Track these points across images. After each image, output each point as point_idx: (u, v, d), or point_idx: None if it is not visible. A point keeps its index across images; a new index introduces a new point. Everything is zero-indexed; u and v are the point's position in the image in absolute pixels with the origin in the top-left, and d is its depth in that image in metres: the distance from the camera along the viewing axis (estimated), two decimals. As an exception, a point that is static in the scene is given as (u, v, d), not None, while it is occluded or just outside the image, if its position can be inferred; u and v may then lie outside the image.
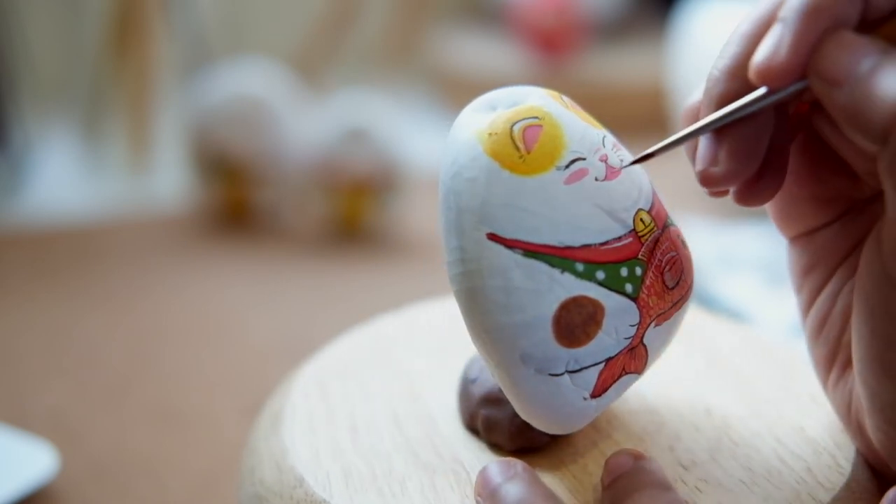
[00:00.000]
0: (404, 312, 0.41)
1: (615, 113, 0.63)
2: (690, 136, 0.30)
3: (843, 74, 0.26)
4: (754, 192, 0.30)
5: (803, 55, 0.27)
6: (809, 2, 0.27)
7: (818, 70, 0.27)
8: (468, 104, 0.31)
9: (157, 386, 0.52)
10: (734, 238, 0.60)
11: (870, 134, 0.26)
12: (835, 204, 0.32)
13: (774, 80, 0.27)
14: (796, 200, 0.32)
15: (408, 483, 0.31)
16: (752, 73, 0.27)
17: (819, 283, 0.33)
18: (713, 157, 0.29)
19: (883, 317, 0.27)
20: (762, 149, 0.29)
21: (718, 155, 0.29)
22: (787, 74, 0.27)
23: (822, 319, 0.32)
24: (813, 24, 0.27)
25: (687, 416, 0.34)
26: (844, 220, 0.32)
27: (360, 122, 0.68)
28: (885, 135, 0.25)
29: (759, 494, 0.30)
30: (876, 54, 0.26)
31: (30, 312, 0.59)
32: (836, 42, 0.27)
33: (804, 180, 0.32)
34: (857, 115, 0.26)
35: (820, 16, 0.27)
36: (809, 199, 0.32)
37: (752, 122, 0.29)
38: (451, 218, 0.30)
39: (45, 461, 0.43)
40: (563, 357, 0.29)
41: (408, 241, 0.70)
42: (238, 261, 0.67)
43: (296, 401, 0.36)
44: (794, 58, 0.27)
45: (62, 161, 0.81)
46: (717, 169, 0.29)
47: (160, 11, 0.79)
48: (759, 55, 0.27)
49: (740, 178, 0.29)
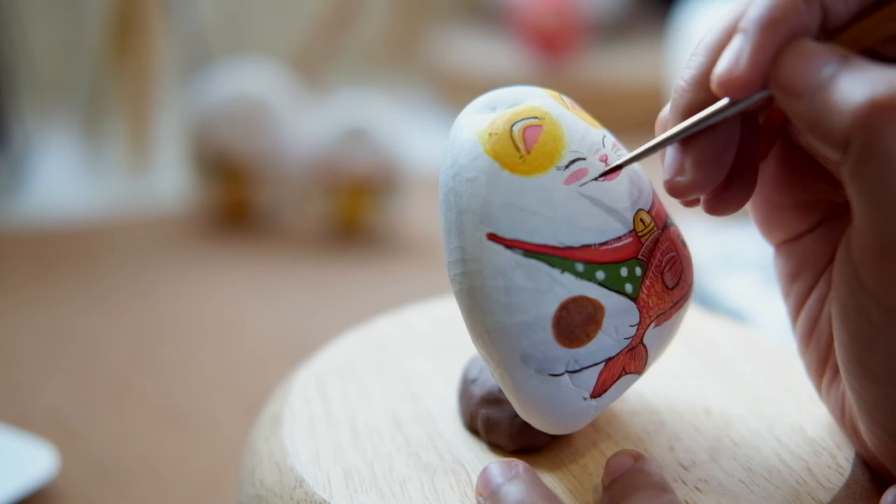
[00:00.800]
0: (404, 312, 0.41)
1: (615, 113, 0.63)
2: (658, 147, 0.30)
3: (803, 84, 0.26)
4: (723, 202, 0.30)
5: (763, 65, 0.27)
6: (768, 13, 0.27)
7: (778, 80, 0.27)
8: (468, 104, 0.31)
9: (157, 386, 0.52)
10: (734, 238, 0.60)
11: (831, 142, 0.26)
12: (816, 209, 0.32)
13: (736, 90, 0.27)
14: (778, 207, 0.32)
15: (408, 483, 0.31)
16: (713, 84, 0.27)
17: (806, 289, 0.33)
18: (679, 167, 0.29)
19: (858, 320, 0.27)
20: (729, 158, 0.29)
21: (685, 165, 0.29)
22: (747, 85, 0.27)
23: (811, 325, 0.32)
24: (772, 34, 0.27)
25: (687, 416, 0.34)
26: (827, 224, 0.32)
27: (360, 122, 0.68)
28: (846, 142, 0.25)
29: (759, 494, 0.30)
30: (835, 62, 0.26)
31: (30, 312, 0.59)
32: (796, 52, 0.27)
33: (784, 187, 0.32)
34: (817, 123, 0.26)
35: (779, 26, 0.27)
36: (791, 206, 0.32)
37: (718, 131, 0.29)
38: (451, 218, 0.30)
39: (45, 461, 0.43)
40: (563, 357, 0.29)
41: (408, 241, 0.70)
42: (238, 261, 0.67)
43: (296, 401, 0.36)
44: (754, 69, 0.27)
45: (62, 161, 0.81)
46: (684, 179, 0.29)
47: (160, 11, 0.79)
48: (720, 66, 0.27)
49: (707, 188, 0.29)
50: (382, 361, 0.38)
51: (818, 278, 0.32)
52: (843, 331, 0.28)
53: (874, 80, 0.25)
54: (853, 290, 0.27)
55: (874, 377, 0.28)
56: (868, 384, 0.28)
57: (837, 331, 0.28)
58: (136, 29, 0.77)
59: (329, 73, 0.91)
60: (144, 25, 0.77)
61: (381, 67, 0.98)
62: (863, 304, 0.27)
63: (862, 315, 0.27)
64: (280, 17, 0.96)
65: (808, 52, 0.26)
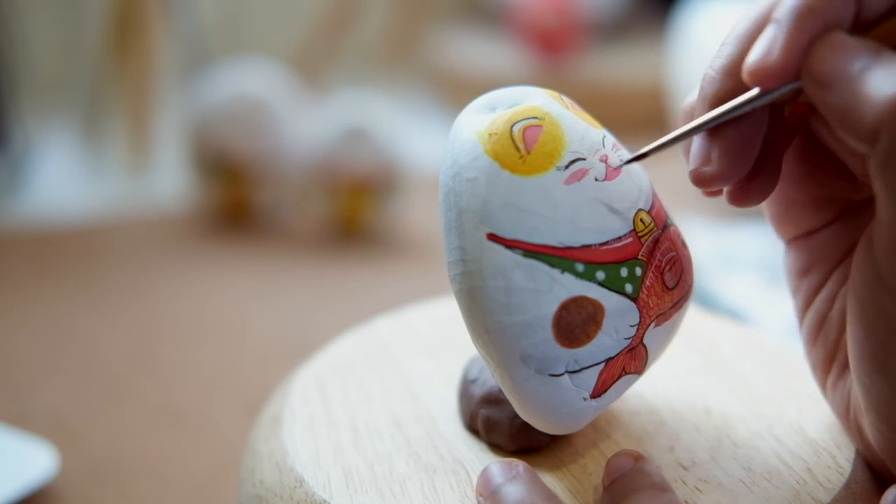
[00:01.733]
0: (404, 312, 0.41)
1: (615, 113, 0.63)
2: (685, 136, 0.30)
3: (834, 76, 0.26)
4: (747, 193, 0.30)
5: (796, 56, 0.27)
6: (803, 3, 0.27)
7: (810, 71, 0.27)
8: (468, 104, 0.31)
9: (157, 386, 0.52)
10: (734, 238, 0.60)
11: (859, 135, 0.26)
12: (832, 206, 0.32)
13: (767, 80, 0.27)
14: (794, 202, 0.32)
15: (408, 484, 0.31)
16: (745, 73, 0.27)
17: (816, 285, 0.33)
18: (706, 157, 0.29)
19: (875, 316, 0.27)
20: (755, 149, 0.29)
21: (711, 155, 0.29)
22: (779, 75, 0.27)
23: (819, 321, 0.32)
24: (806, 25, 0.27)
25: (687, 416, 0.34)
26: (842, 221, 0.32)
27: (360, 122, 0.68)
28: (874, 135, 0.25)
29: (759, 494, 0.30)
30: (867, 56, 0.26)
31: (30, 312, 0.59)
32: (829, 43, 0.27)
33: (802, 182, 0.32)
34: (847, 116, 0.26)
35: (813, 17, 0.27)
36: (807, 201, 0.32)
37: (746, 122, 0.29)
38: (451, 218, 0.30)
39: (45, 461, 0.43)
40: (563, 357, 0.29)
41: (408, 241, 0.70)
42: (238, 261, 0.67)
43: (295, 401, 0.36)
44: (787, 59, 0.27)
45: (62, 161, 0.81)
46: (710, 169, 0.29)
47: (160, 11, 0.79)
48: (753, 55, 0.27)
49: (733, 179, 0.29)
50: (382, 361, 0.38)
51: (829, 275, 0.32)
52: (858, 326, 0.28)
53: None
54: (872, 285, 0.27)
55: (888, 374, 0.28)
56: (881, 381, 0.28)
57: (853, 326, 0.28)
58: (136, 29, 0.77)
59: (329, 73, 0.91)
60: (144, 25, 0.77)
61: (381, 67, 0.98)
62: (881, 300, 0.27)
63: (880, 311, 0.27)
64: (280, 17, 0.96)
65: (842, 44, 0.26)
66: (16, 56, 0.79)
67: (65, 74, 0.88)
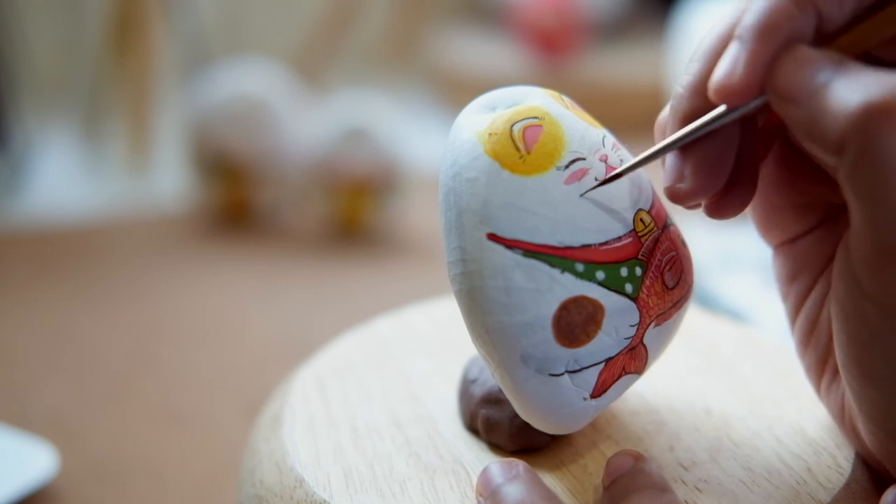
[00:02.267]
0: (404, 312, 0.41)
1: (615, 113, 0.63)
2: (657, 155, 0.30)
3: (798, 90, 0.26)
4: (724, 206, 0.30)
5: (760, 72, 0.27)
6: (764, 19, 0.27)
7: (774, 86, 0.27)
8: (468, 104, 0.31)
9: (157, 386, 0.52)
10: (734, 238, 0.60)
11: (827, 147, 0.26)
12: (815, 210, 0.32)
13: (733, 98, 0.27)
14: (777, 209, 0.32)
15: (408, 483, 0.31)
16: (710, 92, 0.28)
17: (804, 290, 0.33)
18: (679, 174, 0.29)
19: (857, 322, 0.27)
20: (728, 163, 0.29)
21: (684, 171, 0.29)
22: (744, 92, 0.27)
23: (810, 326, 0.32)
24: (768, 41, 0.27)
25: (687, 416, 0.34)
26: (825, 225, 0.32)
27: (360, 122, 0.68)
28: (841, 146, 0.25)
29: (759, 494, 0.30)
30: (830, 67, 0.26)
31: (30, 312, 0.59)
32: (791, 58, 0.27)
33: (783, 189, 0.32)
34: (813, 128, 0.26)
35: (774, 33, 0.27)
36: (789, 207, 0.32)
37: (717, 138, 0.29)
38: (451, 218, 0.30)
39: (45, 461, 0.43)
40: (563, 357, 0.29)
41: (408, 241, 0.70)
42: (238, 261, 0.67)
43: (295, 401, 0.36)
44: (750, 76, 0.27)
45: (62, 161, 0.81)
46: (684, 185, 0.29)
47: (160, 11, 0.79)
48: (717, 74, 0.27)
49: (707, 194, 0.29)
50: (382, 361, 0.38)
51: (817, 279, 0.32)
52: (842, 333, 0.28)
53: (869, 83, 0.25)
54: (852, 292, 0.27)
55: (873, 379, 0.28)
56: (867, 385, 0.28)
57: (837, 333, 0.28)
58: (136, 29, 0.77)
59: (329, 73, 0.91)
60: (144, 25, 0.77)
61: (381, 67, 0.98)
62: (861, 307, 0.27)
63: (861, 317, 0.27)
64: (280, 17, 0.96)
65: (804, 58, 0.26)
66: (16, 56, 0.79)
67: (65, 74, 0.88)
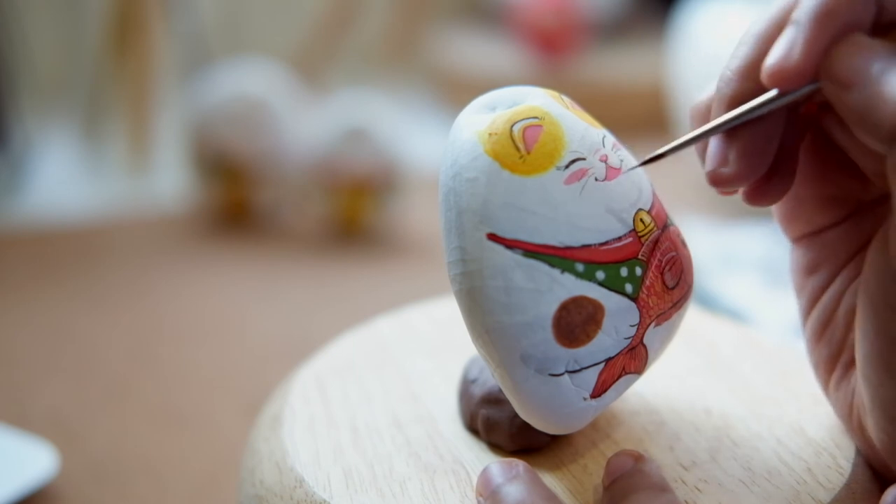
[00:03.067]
0: (404, 312, 0.41)
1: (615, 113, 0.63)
2: (702, 137, 0.30)
3: (854, 77, 0.26)
4: (764, 193, 0.30)
5: (816, 58, 0.27)
6: (823, 5, 0.27)
7: (830, 72, 0.27)
8: (468, 104, 0.31)
9: (157, 386, 0.52)
10: (734, 238, 0.60)
11: (879, 135, 0.26)
12: (842, 205, 0.32)
13: (787, 82, 0.27)
14: (803, 201, 0.32)
15: (408, 484, 0.31)
16: (764, 75, 0.27)
17: (823, 283, 0.33)
18: (724, 158, 0.29)
19: (887, 314, 0.27)
20: (772, 150, 0.29)
21: (729, 156, 0.29)
22: (799, 77, 0.27)
23: (825, 320, 0.32)
24: (826, 27, 0.27)
25: (687, 416, 0.34)
26: (852, 220, 0.32)
27: (360, 122, 0.68)
28: (894, 135, 0.25)
29: (759, 494, 0.30)
30: (887, 57, 0.26)
31: (30, 312, 0.59)
32: (848, 45, 0.27)
33: (811, 181, 0.32)
34: (867, 116, 0.26)
35: (833, 19, 0.27)
36: (816, 200, 0.32)
37: (764, 123, 0.29)
38: (451, 218, 0.30)
39: (45, 461, 0.43)
40: (563, 357, 0.29)
41: (408, 241, 0.70)
42: (238, 261, 0.67)
43: (295, 401, 0.36)
44: (806, 60, 0.27)
45: (62, 161, 0.81)
46: (728, 170, 0.29)
47: (160, 11, 0.79)
48: (772, 57, 0.27)
49: (750, 179, 0.29)
50: (382, 361, 0.38)
51: (837, 273, 0.32)
52: (869, 325, 0.28)
53: None
54: (884, 283, 0.27)
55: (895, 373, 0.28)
56: (888, 380, 0.28)
57: (863, 325, 0.28)
58: (136, 29, 0.77)
59: (329, 73, 0.91)
60: (144, 25, 0.77)
61: (381, 67, 0.98)
62: (894, 298, 0.27)
63: (891, 309, 0.27)
64: (280, 17, 0.96)
65: (862, 45, 0.26)
66: (16, 56, 0.79)
67: (65, 74, 0.88)
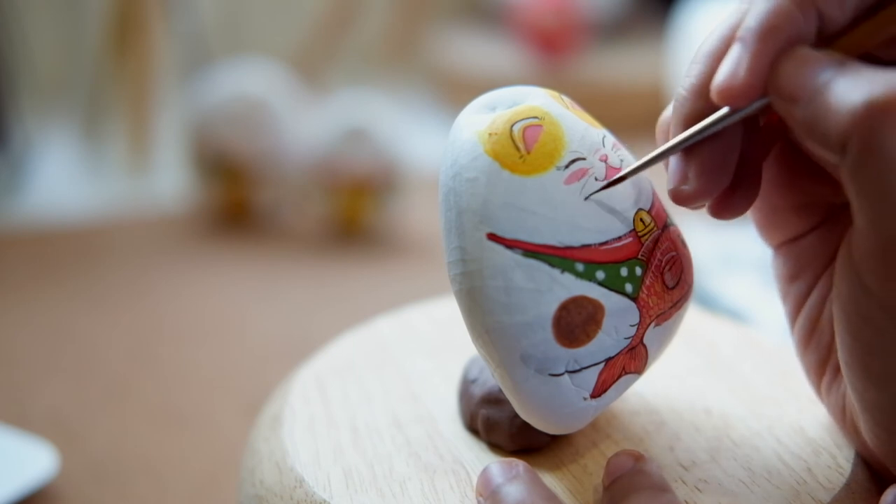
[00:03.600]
0: (404, 312, 0.41)
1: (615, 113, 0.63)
2: (661, 157, 0.30)
3: (800, 90, 0.26)
4: (728, 206, 0.30)
5: (762, 74, 0.27)
6: (765, 21, 0.27)
7: (776, 87, 0.27)
8: (468, 104, 0.31)
9: (157, 386, 0.52)
10: (734, 238, 0.60)
11: (829, 145, 0.26)
12: (815, 210, 0.32)
13: (735, 100, 0.27)
14: (777, 209, 0.32)
15: (408, 483, 0.31)
16: (713, 94, 0.28)
17: (805, 290, 0.33)
18: (683, 176, 0.29)
19: (859, 322, 0.27)
20: (732, 164, 0.29)
21: (688, 173, 0.29)
22: (747, 94, 0.27)
23: (811, 326, 0.32)
24: (769, 42, 0.27)
25: (687, 416, 0.34)
26: (826, 225, 0.32)
27: (360, 122, 0.68)
28: (843, 144, 0.25)
29: (759, 494, 0.30)
30: (832, 67, 0.26)
31: (30, 312, 0.59)
32: (793, 59, 0.27)
33: (784, 190, 0.32)
34: (815, 127, 0.26)
35: (776, 34, 0.27)
36: (790, 207, 0.32)
37: (720, 139, 0.29)
38: (451, 218, 0.30)
39: (45, 461, 0.43)
40: (563, 357, 0.29)
41: (408, 241, 0.70)
42: (238, 261, 0.67)
43: (296, 401, 0.36)
44: (753, 77, 0.27)
45: (62, 161, 0.81)
46: (688, 187, 0.29)
47: (160, 11, 0.79)
48: (719, 77, 0.27)
49: (711, 195, 0.29)
50: (382, 361, 0.38)
51: (818, 279, 0.32)
52: (845, 333, 0.28)
53: (871, 81, 0.25)
54: (855, 291, 0.27)
55: (876, 378, 0.28)
56: (870, 385, 0.28)
57: (839, 333, 0.28)
58: (136, 29, 0.77)
59: (329, 73, 0.91)
60: (144, 25, 0.77)
61: (381, 67, 0.98)
62: (864, 306, 0.27)
63: (864, 317, 0.27)
64: (280, 17, 0.96)
65: (805, 58, 0.27)
66: (16, 56, 0.79)
67: (65, 74, 0.88)
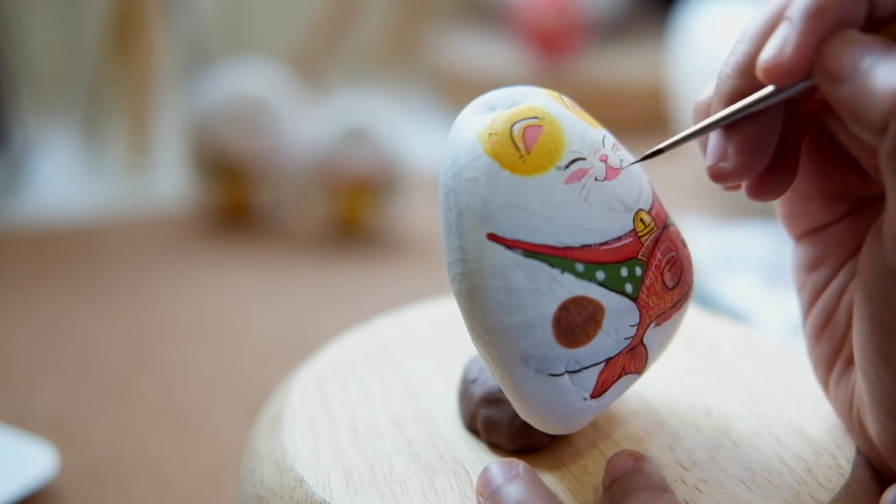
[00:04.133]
0: (404, 312, 0.41)
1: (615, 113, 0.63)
2: (701, 132, 0.30)
3: (845, 70, 0.27)
4: (765, 187, 0.30)
5: (809, 53, 0.27)
6: (815, 2, 0.27)
7: (822, 67, 0.27)
8: (468, 104, 0.31)
9: (157, 386, 0.52)
10: (734, 238, 0.60)
11: (869, 126, 0.26)
12: (844, 200, 0.32)
13: (781, 77, 0.28)
14: (806, 197, 0.33)
15: (408, 484, 0.31)
16: (759, 71, 0.28)
17: (824, 280, 0.33)
18: (722, 153, 0.29)
19: (882, 307, 0.27)
20: (772, 145, 0.29)
21: (728, 151, 0.29)
22: (792, 72, 0.27)
23: (826, 316, 0.33)
24: (818, 23, 0.27)
25: (687, 416, 0.34)
26: (853, 216, 0.32)
27: (360, 122, 0.68)
28: (884, 126, 0.26)
29: (759, 494, 0.30)
30: (878, 51, 0.26)
31: (30, 312, 0.59)
32: (840, 40, 0.27)
33: (814, 178, 0.32)
34: (858, 108, 0.26)
35: (825, 15, 0.27)
36: (819, 197, 0.32)
37: (762, 118, 0.29)
38: (451, 218, 0.30)
39: (45, 461, 0.43)
40: (563, 357, 0.29)
41: (408, 241, 0.70)
42: (238, 261, 0.67)
43: (296, 401, 0.36)
44: (799, 56, 0.27)
45: (62, 161, 0.81)
46: (727, 164, 0.29)
47: (160, 11, 0.79)
48: (766, 54, 0.28)
49: (750, 174, 0.29)
50: (382, 361, 0.38)
51: (838, 270, 0.32)
52: (866, 319, 0.28)
53: None
54: (880, 275, 0.27)
55: (894, 366, 0.28)
56: (886, 374, 0.28)
57: (860, 319, 0.28)
58: (136, 29, 0.77)
59: (329, 73, 0.91)
60: (144, 25, 0.77)
61: (381, 67, 0.98)
62: (890, 293, 0.27)
63: (888, 302, 0.27)
64: (280, 17, 0.96)
65: (853, 40, 0.27)
66: (16, 56, 0.79)
67: (65, 74, 0.88)
